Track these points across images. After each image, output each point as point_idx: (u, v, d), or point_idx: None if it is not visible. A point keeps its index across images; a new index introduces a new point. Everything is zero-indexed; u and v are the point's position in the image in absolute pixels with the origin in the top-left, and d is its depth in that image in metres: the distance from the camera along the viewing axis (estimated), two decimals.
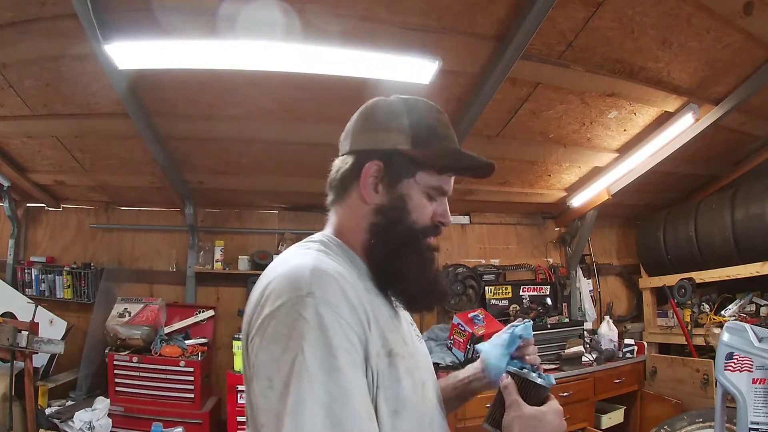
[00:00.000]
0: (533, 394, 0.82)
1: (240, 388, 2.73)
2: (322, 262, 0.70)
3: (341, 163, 0.83)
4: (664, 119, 2.89)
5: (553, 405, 0.82)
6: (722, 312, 3.37)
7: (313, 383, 0.60)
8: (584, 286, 4.08)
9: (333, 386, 0.61)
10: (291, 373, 0.61)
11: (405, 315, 0.88)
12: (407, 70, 2.12)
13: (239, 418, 2.72)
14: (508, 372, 0.84)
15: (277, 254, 3.53)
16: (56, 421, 2.53)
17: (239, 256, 3.48)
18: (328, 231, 0.84)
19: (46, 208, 3.52)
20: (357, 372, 0.64)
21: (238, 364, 2.85)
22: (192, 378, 2.80)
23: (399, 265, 0.78)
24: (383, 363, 0.70)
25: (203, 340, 3.12)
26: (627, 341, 3.59)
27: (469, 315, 3.23)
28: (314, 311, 0.63)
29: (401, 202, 0.79)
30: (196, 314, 3.30)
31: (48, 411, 2.61)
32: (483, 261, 4.00)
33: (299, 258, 0.71)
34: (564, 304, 3.98)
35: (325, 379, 0.60)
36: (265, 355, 0.64)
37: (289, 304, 0.64)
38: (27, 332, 2.43)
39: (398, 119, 0.80)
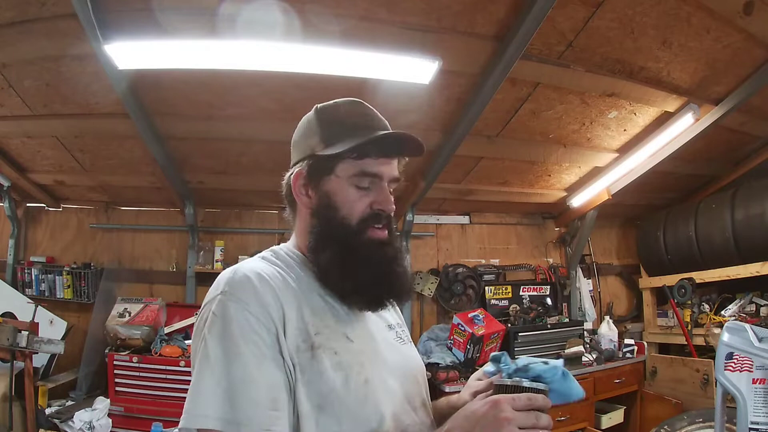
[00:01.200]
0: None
1: None
2: (246, 266, 0.78)
3: (285, 179, 0.90)
4: (664, 119, 2.88)
5: (491, 397, 0.70)
6: (722, 312, 3.37)
7: (213, 367, 0.67)
8: (584, 286, 4.08)
9: (234, 372, 0.66)
10: (197, 359, 0.70)
11: (380, 316, 0.90)
12: (407, 70, 2.12)
13: None
14: (497, 384, 0.75)
15: None
16: (56, 421, 2.53)
17: (239, 256, 3.47)
18: (288, 243, 0.91)
19: (46, 208, 3.52)
20: (263, 362, 0.69)
21: None
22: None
23: (332, 260, 0.81)
24: (304, 357, 0.72)
25: None
26: (627, 341, 3.59)
27: (469, 315, 3.23)
28: (222, 306, 0.71)
29: (327, 199, 0.82)
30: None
31: (48, 411, 2.61)
32: (483, 261, 4.00)
33: (232, 266, 0.79)
34: (564, 304, 3.98)
35: (226, 366, 0.67)
36: (192, 348, 0.75)
37: (207, 303, 0.74)
38: (27, 332, 2.43)
39: (312, 127, 0.86)
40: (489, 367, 0.87)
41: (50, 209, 3.53)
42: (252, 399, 0.66)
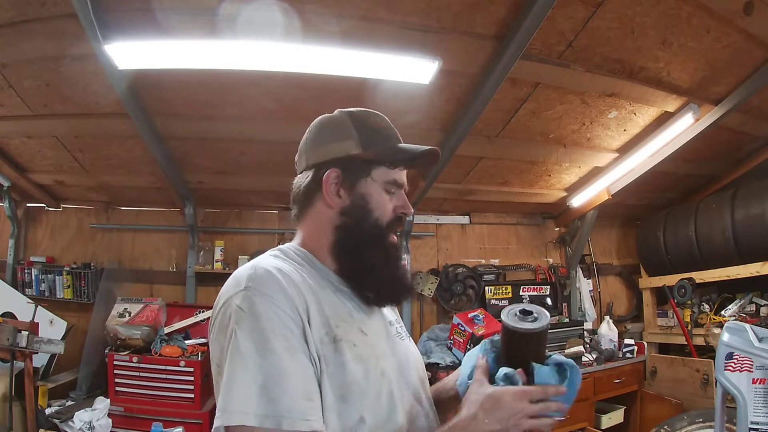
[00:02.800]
0: (525, 345, 0.81)
1: None
2: (264, 262, 0.79)
3: (302, 179, 0.91)
4: (664, 119, 2.88)
5: (512, 389, 0.77)
6: (722, 312, 3.37)
7: (246, 363, 0.67)
8: (584, 286, 4.08)
9: (268, 367, 0.67)
10: (228, 356, 0.69)
11: (382, 313, 0.94)
12: (407, 70, 2.12)
13: None
14: (514, 330, 0.81)
15: None
16: (56, 421, 2.53)
17: (239, 256, 3.48)
18: (293, 242, 0.92)
19: (46, 208, 3.52)
20: (296, 354, 0.70)
21: None
22: (192, 378, 2.80)
23: (367, 258, 0.85)
24: (328, 349, 0.75)
25: (203, 340, 3.11)
26: (627, 341, 3.59)
27: (469, 315, 3.23)
28: (248, 301, 0.71)
29: (363, 201, 0.86)
30: (196, 314, 3.29)
31: (48, 411, 2.61)
32: (483, 261, 4.00)
33: (249, 262, 0.80)
34: (564, 304, 3.98)
35: (259, 361, 0.67)
36: (214, 345, 0.75)
37: (230, 300, 0.73)
38: (27, 332, 2.43)
39: (346, 129, 0.88)
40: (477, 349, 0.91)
41: (50, 209, 3.53)
42: (289, 392, 0.67)
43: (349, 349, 0.76)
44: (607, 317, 3.72)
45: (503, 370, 0.81)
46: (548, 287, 3.98)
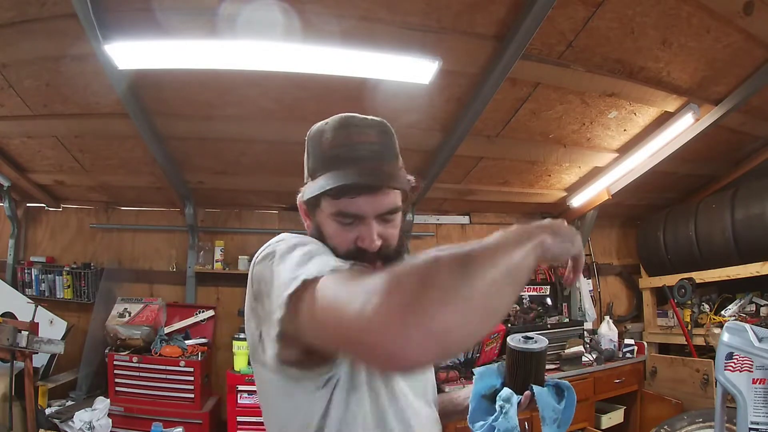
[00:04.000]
0: (526, 364, 0.91)
1: (240, 388, 2.74)
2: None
3: None
4: (664, 119, 2.88)
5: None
6: (722, 312, 3.37)
7: (289, 256, 0.69)
8: (584, 286, 4.07)
9: (305, 252, 0.70)
10: (274, 263, 0.71)
11: None
12: (407, 70, 2.12)
13: (239, 418, 2.72)
14: (518, 351, 0.92)
15: None
16: (56, 421, 2.53)
17: (239, 256, 3.48)
18: None
19: (46, 208, 3.52)
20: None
21: (238, 364, 2.85)
22: (192, 378, 2.80)
23: None
24: None
25: (203, 340, 3.12)
26: (627, 341, 3.59)
27: None
28: (289, 237, 0.76)
29: (318, 231, 0.84)
30: (196, 314, 3.30)
31: (48, 411, 2.61)
32: None
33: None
34: (564, 304, 3.97)
35: (300, 251, 0.70)
36: (258, 270, 0.76)
37: (271, 247, 0.76)
38: (27, 332, 2.43)
39: (305, 155, 0.87)
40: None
41: (50, 209, 3.53)
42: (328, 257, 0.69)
43: None
44: (607, 317, 3.72)
45: (504, 392, 0.90)
46: (548, 287, 3.98)
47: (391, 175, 0.81)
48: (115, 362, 2.82)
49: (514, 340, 0.93)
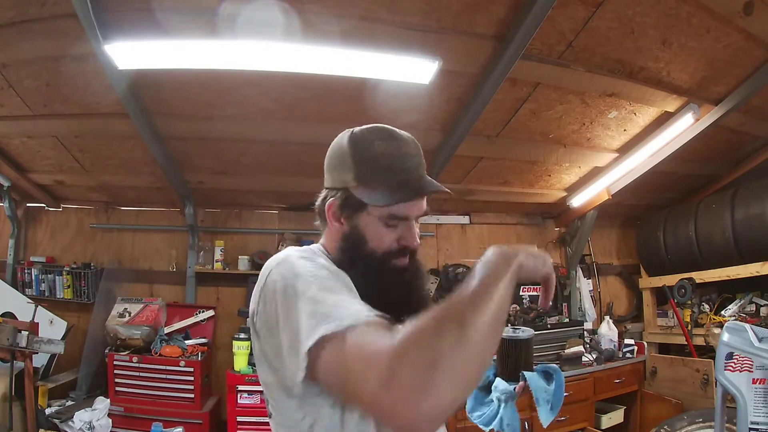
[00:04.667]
0: (515, 351, 0.99)
1: (240, 388, 2.74)
2: (302, 251, 0.86)
3: (319, 197, 0.94)
4: (664, 119, 2.88)
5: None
6: (722, 312, 3.37)
7: (304, 300, 0.70)
8: (584, 286, 4.08)
9: (328, 298, 0.70)
10: (287, 309, 0.73)
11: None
12: (407, 70, 2.12)
13: (239, 418, 2.72)
14: (506, 339, 1.00)
15: None
16: (56, 421, 2.53)
17: (239, 256, 3.48)
18: (320, 242, 0.96)
19: (46, 208, 3.52)
20: (337, 291, 0.73)
21: (238, 364, 2.85)
22: (192, 378, 2.80)
23: (356, 279, 0.84)
24: None
25: (203, 340, 3.12)
26: (627, 341, 3.59)
27: None
28: (291, 267, 0.77)
29: (357, 233, 0.87)
30: (196, 314, 3.30)
31: (48, 411, 2.61)
32: None
33: (288, 250, 0.86)
34: (564, 304, 3.97)
35: (320, 297, 0.70)
36: (271, 308, 0.76)
37: (266, 284, 0.78)
38: (27, 332, 2.43)
39: (346, 160, 0.88)
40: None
41: (50, 209, 3.53)
42: (341, 305, 0.70)
43: None
44: (607, 317, 3.72)
45: (501, 384, 0.98)
46: None
47: (437, 183, 0.91)
48: (115, 362, 2.82)
49: (504, 332, 0.98)
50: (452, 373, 0.56)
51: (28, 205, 3.48)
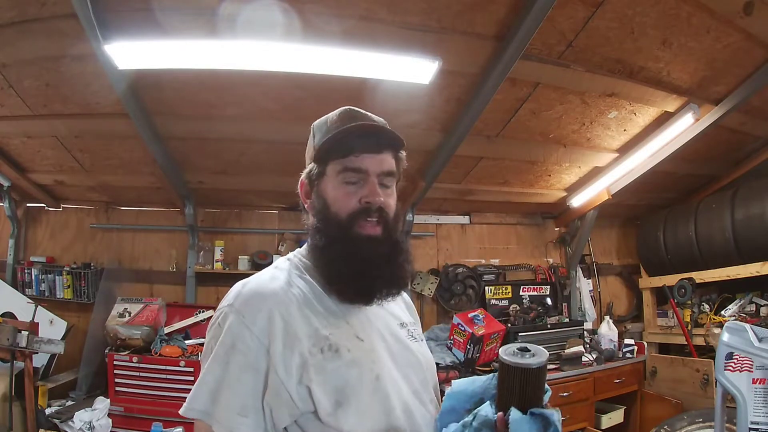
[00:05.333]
0: (518, 383, 0.76)
1: None
2: (257, 278, 0.86)
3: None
4: (664, 119, 2.88)
5: None
6: (722, 312, 3.37)
7: (209, 368, 0.78)
8: (584, 286, 4.08)
9: (220, 375, 0.77)
10: (203, 357, 0.83)
11: (389, 315, 0.94)
12: (407, 70, 2.12)
13: None
14: (502, 362, 0.78)
15: (278, 254, 3.52)
16: (56, 421, 2.53)
17: (239, 256, 3.48)
18: (304, 247, 0.95)
19: (46, 208, 3.52)
20: (246, 372, 0.77)
21: None
22: (192, 378, 2.80)
23: (328, 253, 0.86)
24: (317, 359, 0.78)
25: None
26: (627, 341, 3.59)
27: (469, 315, 3.23)
28: (225, 317, 0.81)
29: (321, 199, 0.89)
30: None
31: (48, 411, 2.61)
32: (483, 261, 4.00)
33: (251, 276, 0.87)
34: (564, 304, 3.97)
35: (215, 369, 0.78)
36: (209, 334, 0.84)
37: (218, 311, 0.83)
38: (27, 332, 2.43)
39: (309, 141, 0.95)
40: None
41: (50, 209, 3.53)
42: (227, 401, 0.76)
43: (342, 355, 0.79)
44: (607, 317, 3.72)
45: (479, 410, 0.79)
46: (548, 287, 3.98)
47: (392, 136, 0.89)
48: (115, 362, 2.81)
49: (507, 352, 0.79)
50: None
51: (28, 205, 3.48)
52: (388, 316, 0.94)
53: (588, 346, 3.43)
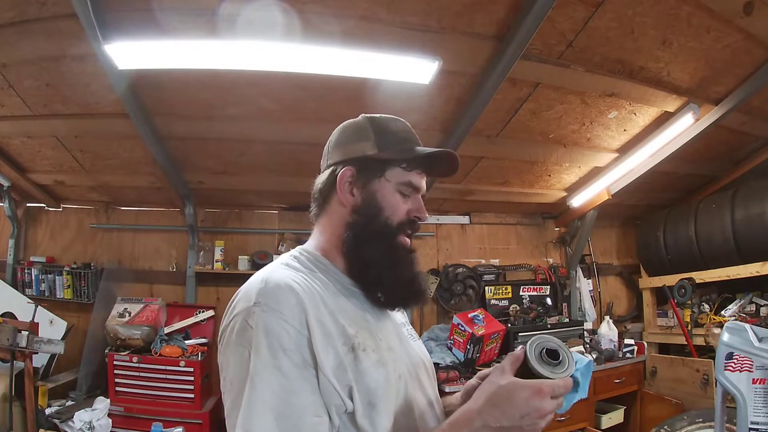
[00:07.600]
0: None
1: None
2: (275, 273, 0.79)
3: (321, 178, 0.92)
4: (664, 119, 2.88)
5: (532, 383, 0.69)
6: (722, 312, 3.37)
7: (258, 384, 0.68)
8: (584, 286, 4.08)
9: (276, 386, 0.68)
10: (241, 375, 0.70)
11: (393, 315, 0.94)
12: (407, 70, 2.12)
13: None
14: (528, 365, 0.74)
15: (277, 254, 3.52)
16: (56, 421, 2.53)
17: (239, 256, 3.48)
18: (307, 245, 0.92)
19: (46, 208, 3.52)
20: (304, 370, 0.71)
21: None
22: (192, 378, 2.80)
23: (370, 255, 0.84)
24: (348, 358, 0.74)
25: (203, 340, 3.11)
26: (627, 341, 3.58)
27: (469, 315, 3.23)
28: (259, 318, 0.71)
29: (374, 200, 0.86)
30: (196, 314, 3.30)
31: (48, 411, 2.61)
32: (483, 261, 4.00)
33: (260, 273, 0.81)
34: (564, 304, 3.98)
35: (272, 381, 0.69)
36: (223, 358, 0.75)
37: (240, 315, 0.74)
38: (27, 332, 2.43)
39: (365, 132, 0.90)
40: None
41: (50, 209, 3.53)
42: (299, 408, 0.69)
43: (368, 355, 0.76)
44: (607, 317, 3.72)
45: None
46: (548, 287, 3.98)
47: (456, 170, 0.93)
48: (115, 362, 2.81)
49: (534, 352, 0.72)
50: None
51: (28, 205, 3.48)
52: (392, 317, 0.94)
53: (588, 346, 3.43)
